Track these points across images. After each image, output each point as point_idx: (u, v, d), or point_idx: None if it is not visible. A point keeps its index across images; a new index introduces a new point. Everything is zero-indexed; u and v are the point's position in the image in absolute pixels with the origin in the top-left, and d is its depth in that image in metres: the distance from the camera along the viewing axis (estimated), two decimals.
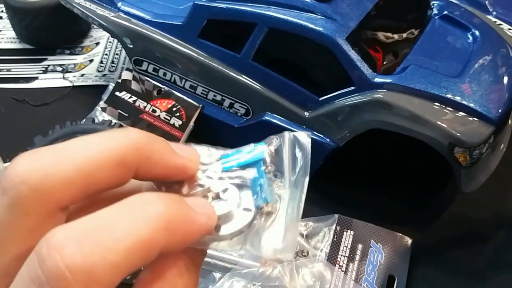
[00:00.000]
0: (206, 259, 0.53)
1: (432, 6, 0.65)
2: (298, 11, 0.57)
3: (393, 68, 0.57)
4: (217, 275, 0.55)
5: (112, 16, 0.66)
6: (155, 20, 0.65)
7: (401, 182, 0.64)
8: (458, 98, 0.53)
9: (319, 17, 0.56)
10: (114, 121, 0.64)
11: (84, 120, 0.61)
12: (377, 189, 0.63)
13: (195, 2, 0.62)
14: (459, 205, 0.62)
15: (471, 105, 0.53)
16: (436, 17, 0.63)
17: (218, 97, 0.64)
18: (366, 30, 0.60)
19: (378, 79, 0.54)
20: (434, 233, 0.59)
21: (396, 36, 0.62)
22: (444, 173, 0.58)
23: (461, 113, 0.53)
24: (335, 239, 0.56)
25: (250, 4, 0.59)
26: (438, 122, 0.52)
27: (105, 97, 0.66)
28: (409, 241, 0.57)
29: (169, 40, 0.64)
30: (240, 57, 0.60)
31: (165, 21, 0.65)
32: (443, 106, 0.53)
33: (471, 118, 0.53)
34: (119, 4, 0.67)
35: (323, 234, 0.57)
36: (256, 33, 0.58)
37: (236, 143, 0.23)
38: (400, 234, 0.57)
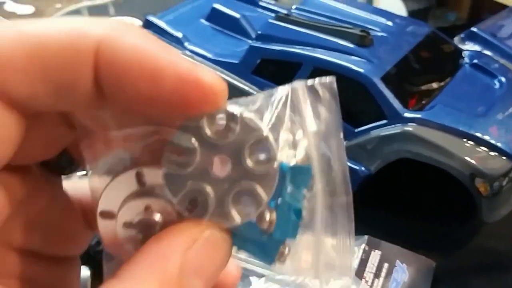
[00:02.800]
0: (244, 264, 0.59)
1: (463, 56, 0.72)
2: (340, 53, 0.65)
3: (423, 106, 0.64)
4: (253, 279, 0.61)
5: (179, 53, 0.77)
6: (215, 58, 0.75)
7: (430, 210, 0.69)
8: (479, 134, 0.59)
9: (358, 59, 0.64)
10: None
11: None
12: (406, 214, 0.68)
13: (251, 44, 0.72)
14: (484, 236, 0.66)
15: (492, 141, 0.59)
16: (467, 65, 0.70)
17: None
18: (400, 72, 0.68)
19: (408, 114, 0.61)
20: (457, 259, 0.64)
21: (428, 80, 0.69)
22: (471, 204, 0.63)
23: (483, 148, 0.59)
24: (363, 257, 0.62)
25: (298, 47, 0.68)
26: (460, 154, 0.58)
27: None
28: (433, 264, 0.62)
29: (227, 76, 0.74)
30: None
31: (224, 59, 0.74)
32: (466, 140, 0.59)
33: (492, 153, 0.58)
34: (186, 44, 0.77)
35: (352, 252, 0.63)
36: (302, 71, 0.67)
37: None
38: (425, 257, 0.62)
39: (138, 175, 0.17)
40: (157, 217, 0.17)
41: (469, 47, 0.74)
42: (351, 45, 0.65)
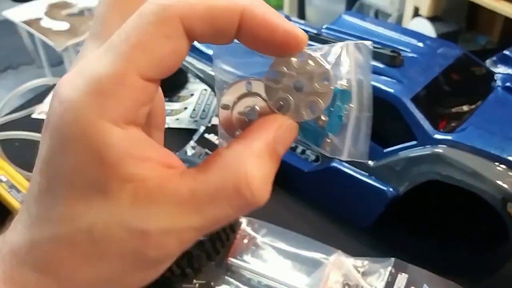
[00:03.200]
0: (268, 282, 0.59)
1: (495, 78, 0.71)
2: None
3: (454, 129, 0.63)
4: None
5: (209, 70, 0.78)
6: (243, 75, 0.76)
7: (460, 234, 0.68)
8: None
9: (388, 79, 0.64)
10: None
11: (177, 153, 0.71)
12: (435, 238, 0.67)
13: None
14: None
15: None
16: (499, 88, 0.69)
17: (293, 144, 0.72)
18: (431, 94, 0.67)
19: (438, 136, 0.60)
20: (487, 286, 0.62)
21: (459, 102, 0.68)
22: (504, 231, 0.62)
23: None
24: (389, 280, 0.61)
25: None
26: (492, 177, 0.57)
27: (195, 137, 0.77)
28: None
29: None
30: None
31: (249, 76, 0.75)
32: (498, 163, 0.58)
33: None
34: (217, 61, 0.78)
35: (379, 274, 0.62)
36: None
37: (304, 186, 0.32)
38: (453, 282, 0.61)
39: (248, 83, 0.28)
40: (259, 110, 0.27)
41: (502, 70, 0.73)
42: (381, 65, 0.65)
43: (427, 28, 1.41)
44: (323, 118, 0.27)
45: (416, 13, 1.48)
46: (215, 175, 0.23)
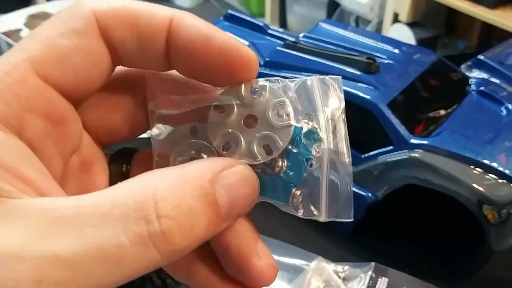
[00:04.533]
0: None
1: (470, 83, 0.72)
2: (346, 80, 0.66)
3: (430, 133, 0.64)
4: None
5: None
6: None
7: (439, 237, 0.69)
8: (487, 161, 0.59)
9: (365, 86, 0.65)
10: None
11: None
12: (415, 242, 0.68)
13: (259, 71, 0.73)
14: (494, 265, 0.65)
15: (500, 168, 0.58)
16: (473, 92, 0.70)
17: None
18: (407, 99, 0.68)
19: (414, 140, 0.61)
20: None
21: (435, 107, 0.69)
22: (482, 233, 0.63)
23: (491, 175, 0.58)
24: (370, 284, 0.61)
25: (306, 73, 0.69)
26: (468, 181, 0.57)
27: None
28: None
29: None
30: None
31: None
32: (473, 167, 0.59)
33: (500, 180, 0.58)
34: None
35: (359, 279, 0.62)
36: None
37: None
38: (433, 285, 0.61)
39: (193, 128, 0.23)
40: (203, 156, 0.22)
41: (476, 74, 0.74)
42: (357, 72, 0.66)
43: (407, 34, 1.43)
44: (280, 162, 0.22)
45: (395, 19, 1.49)
46: (113, 194, 0.18)
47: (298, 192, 0.22)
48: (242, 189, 0.20)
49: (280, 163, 0.22)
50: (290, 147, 0.22)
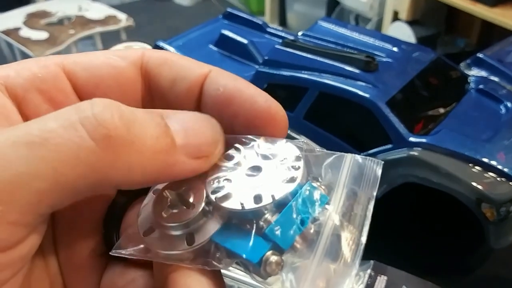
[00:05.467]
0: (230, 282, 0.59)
1: (469, 81, 0.72)
2: (345, 78, 0.66)
3: (429, 131, 0.64)
4: None
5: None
6: None
7: (439, 235, 0.69)
8: (486, 160, 0.59)
9: (364, 84, 0.65)
10: None
11: None
12: (414, 240, 0.68)
13: (258, 69, 0.73)
14: (493, 263, 0.65)
15: (499, 166, 0.58)
16: (472, 90, 0.70)
17: None
18: (406, 97, 0.68)
19: (413, 139, 0.61)
20: (465, 286, 0.63)
21: (434, 105, 0.69)
22: (481, 231, 0.63)
23: (490, 174, 0.58)
24: (369, 282, 0.61)
25: (304, 72, 0.69)
26: (466, 179, 0.57)
27: None
28: None
29: None
30: (293, 115, 0.69)
31: None
32: (472, 165, 0.59)
33: (498, 179, 0.58)
34: None
35: (358, 277, 0.62)
36: (308, 95, 0.68)
37: None
38: (432, 283, 0.61)
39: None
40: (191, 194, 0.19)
41: (475, 73, 0.74)
42: (356, 71, 0.66)
43: (407, 32, 1.43)
44: (268, 216, 0.17)
45: (395, 17, 1.49)
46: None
47: (274, 259, 0.17)
48: (198, 124, 0.18)
49: (268, 217, 0.17)
50: (287, 200, 0.18)
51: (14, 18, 1.22)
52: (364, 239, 0.18)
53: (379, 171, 0.19)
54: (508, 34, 0.92)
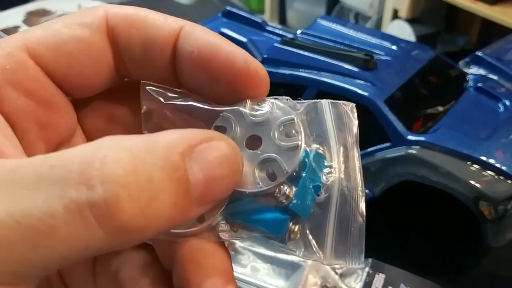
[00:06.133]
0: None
1: (468, 79, 0.72)
2: (344, 77, 0.66)
3: (427, 130, 0.64)
4: None
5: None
6: None
7: (436, 233, 0.69)
8: (484, 158, 0.59)
9: (362, 82, 0.65)
10: None
11: None
12: (412, 238, 0.68)
13: None
14: (491, 261, 0.65)
15: (498, 165, 0.58)
16: (471, 89, 0.70)
17: None
18: (404, 96, 0.68)
19: (411, 137, 0.61)
20: (463, 284, 0.63)
21: (432, 103, 0.69)
22: (479, 229, 0.63)
23: (488, 172, 0.58)
24: (367, 280, 0.61)
25: (303, 70, 0.69)
26: (464, 177, 0.58)
27: None
28: None
29: None
30: None
31: None
32: (470, 163, 0.59)
33: (496, 177, 0.58)
34: None
35: (356, 275, 0.62)
36: (307, 94, 0.68)
37: None
38: (430, 281, 0.61)
39: None
40: None
41: (474, 71, 0.74)
42: (355, 69, 0.66)
43: (406, 30, 1.43)
44: (286, 190, 0.18)
45: (395, 16, 1.49)
46: (59, 155, 0.15)
47: (296, 227, 0.18)
48: (222, 169, 0.17)
49: (286, 191, 0.18)
50: (298, 171, 0.18)
51: (14, 16, 1.22)
52: (361, 189, 0.19)
53: (355, 117, 0.20)
54: (508, 33, 0.92)
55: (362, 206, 0.19)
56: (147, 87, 0.20)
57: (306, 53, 0.69)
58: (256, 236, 0.19)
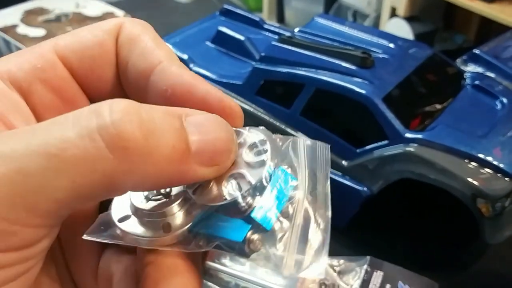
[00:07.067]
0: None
1: (465, 77, 0.72)
2: (341, 75, 0.66)
3: (425, 127, 0.64)
4: None
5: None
6: (220, 80, 0.76)
7: (434, 231, 0.69)
8: (482, 155, 0.59)
9: (360, 80, 0.65)
10: None
11: None
12: (409, 235, 0.68)
13: (254, 66, 0.73)
14: (488, 259, 0.65)
15: (495, 162, 0.58)
16: (468, 86, 0.70)
17: None
18: (402, 93, 0.68)
19: (409, 135, 0.61)
20: (461, 281, 0.63)
21: (430, 101, 0.70)
22: (476, 226, 0.63)
23: (486, 169, 0.58)
24: (365, 278, 0.61)
25: (301, 68, 0.69)
26: (462, 174, 0.58)
27: None
28: (436, 285, 0.61)
29: (231, 97, 0.75)
30: (289, 112, 0.69)
31: (228, 81, 0.76)
32: (468, 161, 0.59)
33: (494, 174, 0.58)
34: (191, 65, 0.79)
35: (355, 273, 0.63)
36: (304, 92, 0.68)
37: None
38: (428, 278, 0.62)
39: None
40: (172, 193, 0.20)
41: (471, 69, 0.74)
42: (352, 67, 0.66)
43: (405, 28, 1.43)
44: (250, 200, 0.19)
45: (393, 14, 1.49)
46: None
47: (256, 237, 0.19)
48: (215, 132, 0.18)
49: (249, 201, 0.19)
50: (263, 186, 0.19)
51: (11, 15, 1.22)
52: (329, 214, 0.20)
53: (328, 154, 0.21)
54: (506, 31, 0.92)
55: (328, 226, 0.20)
56: None
57: (303, 51, 0.69)
58: (219, 245, 0.19)
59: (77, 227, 0.21)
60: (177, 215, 0.20)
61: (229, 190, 0.19)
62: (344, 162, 0.66)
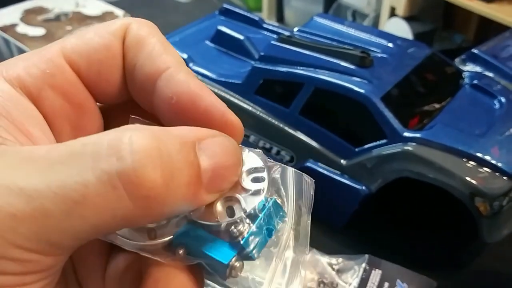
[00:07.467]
0: None
1: (464, 76, 0.72)
2: (340, 74, 0.66)
3: (424, 126, 0.65)
4: None
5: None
6: (219, 79, 0.77)
7: (432, 229, 0.69)
8: (480, 154, 0.59)
9: (359, 79, 0.65)
10: None
11: None
12: (408, 234, 0.68)
13: (254, 65, 0.73)
14: (487, 257, 0.66)
15: (493, 161, 0.59)
16: (467, 86, 0.71)
17: (267, 145, 0.73)
18: (401, 93, 0.68)
19: (407, 134, 0.62)
20: (459, 280, 0.63)
21: (429, 100, 0.70)
22: (475, 225, 0.63)
23: (484, 168, 0.59)
24: (363, 276, 0.62)
25: (300, 67, 0.69)
26: (460, 173, 0.58)
27: None
28: (434, 284, 0.61)
29: (229, 96, 0.75)
30: (289, 111, 0.70)
31: (227, 80, 0.76)
32: (466, 160, 0.59)
33: (492, 173, 0.58)
34: (191, 64, 0.79)
35: (353, 271, 0.63)
36: (303, 91, 0.68)
37: None
38: (426, 277, 0.62)
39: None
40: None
41: (470, 68, 0.74)
42: (351, 66, 0.66)
43: (404, 28, 1.43)
44: (241, 227, 0.19)
45: (392, 13, 1.49)
46: (89, 136, 0.17)
47: (239, 264, 0.19)
48: (226, 160, 0.19)
49: (241, 228, 0.19)
50: (256, 214, 0.20)
51: (11, 14, 1.22)
52: (307, 251, 0.21)
53: (313, 190, 0.21)
54: (505, 30, 0.92)
55: (304, 262, 0.21)
56: (135, 123, 0.21)
57: (303, 51, 0.69)
58: (200, 263, 0.19)
59: None
60: (165, 225, 0.20)
61: (223, 212, 0.19)
62: (342, 161, 0.66)
